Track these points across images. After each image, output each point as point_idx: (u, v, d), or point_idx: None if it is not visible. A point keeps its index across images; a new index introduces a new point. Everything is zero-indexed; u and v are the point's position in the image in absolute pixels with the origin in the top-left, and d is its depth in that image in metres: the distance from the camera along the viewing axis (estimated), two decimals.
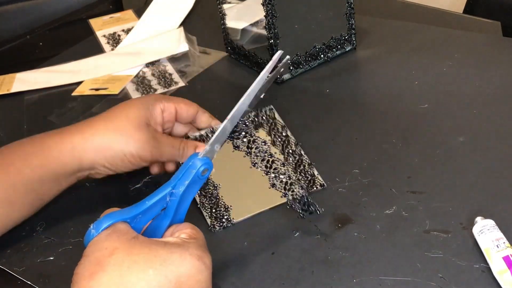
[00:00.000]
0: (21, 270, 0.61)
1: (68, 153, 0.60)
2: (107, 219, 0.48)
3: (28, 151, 0.60)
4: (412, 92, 0.79)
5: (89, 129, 0.61)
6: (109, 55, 1.00)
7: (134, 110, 0.62)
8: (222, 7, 0.88)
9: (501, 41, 0.87)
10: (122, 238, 0.46)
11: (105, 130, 0.61)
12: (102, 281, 0.43)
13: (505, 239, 0.54)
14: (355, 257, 0.57)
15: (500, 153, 0.66)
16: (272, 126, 0.71)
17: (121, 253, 0.45)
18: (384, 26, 0.95)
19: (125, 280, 0.43)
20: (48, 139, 0.61)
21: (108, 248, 0.45)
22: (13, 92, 0.92)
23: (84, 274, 0.44)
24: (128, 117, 0.61)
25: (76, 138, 0.60)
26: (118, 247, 0.45)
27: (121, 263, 0.44)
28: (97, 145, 0.60)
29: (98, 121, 0.62)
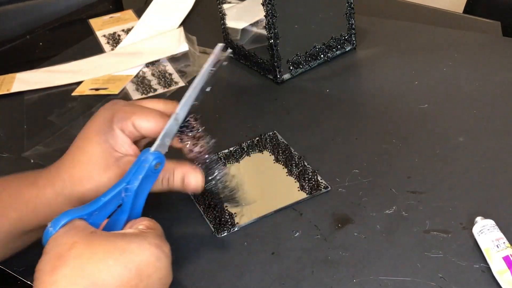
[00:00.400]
0: (21, 270, 0.61)
1: (46, 208, 0.56)
2: (64, 217, 0.48)
3: (6, 203, 0.57)
4: (412, 92, 0.79)
5: (58, 181, 0.56)
6: (109, 55, 1.00)
7: (95, 148, 0.56)
8: (222, 7, 0.88)
9: (501, 41, 0.87)
10: (80, 233, 0.47)
11: (72, 181, 0.56)
12: (64, 273, 0.44)
13: (505, 239, 0.54)
14: (355, 257, 0.57)
15: (500, 153, 0.66)
16: (275, 146, 0.71)
17: (80, 246, 0.45)
18: (384, 26, 0.95)
19: (86, 271, 0.44)
20: (25, 190, 0.57)
21: (67, 243, 0.46)
22: (13, 92, 0.92)
23: (46, 269, 0.45)
24: (91, 160, 0.56)
25: (49, 193, 0.56)
26: (77, 241, 0.46)
27: (81, 255, 0.45)
28: (69, 199, 0.56)
29: (64, 169, 0.57)
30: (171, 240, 0.54)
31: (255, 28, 0.93)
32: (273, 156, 0.70)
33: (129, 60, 0.96)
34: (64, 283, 0.44)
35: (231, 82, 0.90)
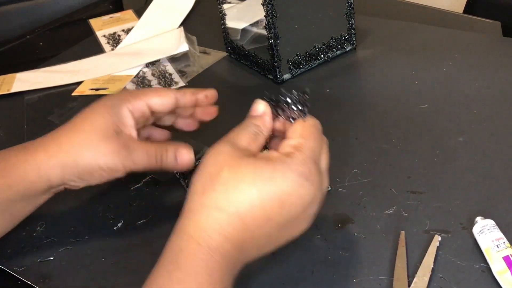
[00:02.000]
0: (21, 270, 0.61)
1: (34, 172, 0.56)
2: None
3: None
4: (412, 92, 0.79)
5: (53, 145, 0.57)
6: (109, 55, 1.00)
7: (99, 118, 0.57)
8: (222, 7, 0.89)
9: (501, 41, 0.87)
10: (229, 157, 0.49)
11: (69, 145, 0.56)
12: (211, 197, 0.47)
13: (505, 239, 0.54)
14: (355, 257, 0.57)
15: (500, 153, 0.66)
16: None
17: (228, 171, 0.48)
18: (384, 26, 0.95)
19: (231, 198, 0.47)
20: (13, 156, 0.57)
21: (216, 165, 0.48)
22: (13, 92, 0.92)
23: (198, 190, 0.48)
24: (93, 127, 0.57)
25: (40, 156, 0.56)
26: (227, 164, 0.48)
27: (227, 181, 0.47)
28: (62, 162, 0.56)
29: (62, 134, 0.58)
30: (167, 233, 0.54)
31: (255, 28, 0.93)
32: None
33: (129, 60, 0.96)
34: (211, 207, 0.47)
35: (231, 82, 0.90)
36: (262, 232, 0.48)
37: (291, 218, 0.49)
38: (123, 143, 0.57)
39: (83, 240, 0.64)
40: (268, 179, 0.47)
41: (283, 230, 0.49)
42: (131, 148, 0.58)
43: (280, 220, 0.48)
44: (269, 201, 0.47)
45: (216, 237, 0.46)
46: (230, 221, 0.46)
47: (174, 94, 0.62)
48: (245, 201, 0.47)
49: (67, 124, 0.59)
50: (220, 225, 0.46)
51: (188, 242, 0.46)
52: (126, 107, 0.59)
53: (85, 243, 0.63)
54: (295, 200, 0.48)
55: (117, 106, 0.59)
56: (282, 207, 0.48)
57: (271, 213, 0.47)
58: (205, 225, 0.46)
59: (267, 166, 0.48)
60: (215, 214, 0.47)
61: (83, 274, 0.59)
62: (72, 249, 0.63)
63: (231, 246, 0.46)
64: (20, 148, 0.58)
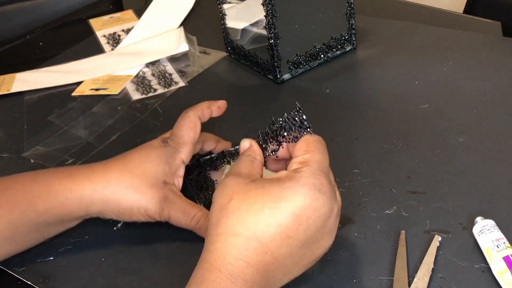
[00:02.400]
0: (21, 270, 0.61)
1: (76, 201, 0.58)
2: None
3: (35, 193, 0.58)
4: (412, 92, 0.79)
5: (101, 180, 0.58)
6: (109, 55, 1.00)
7: (152, 166, 0.59)
8: (222, 7, 0.88)
9: (501, 41, 0.87)
10: (237, 185, 0.49)
11: (117, 184, 0.58)
12: (226, 225, 0.47)
13: (505, 239, 0.54)
14: (355, 257, 0.57)
15: (500, 153, 0.66)
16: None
17: (238, 198, 0.48)
18: (384, 26, 0.95)
19: (246, 223, 0.47)
20: (56, 183, 0.58)
21: (228, 194, 0.49)
22: (13, 92, 0.92)
23: (213, 222, 0.48)
24: (144, 174, 0.59)
25: (86, 189, 0.58)
26: (235, 193, 0.48)
27: (239, 207, 0.47)
28: (106, 199, 0.58)
29: (112, 170, 0.59)
30: (168, 233, 0.54)
31: (255, 28, 0.93)
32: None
33: (129, 60, 0.96)
34: (227, 234, 0.47)
35: (231, 82, 0.90)
36: (283, 253, 0.47)
37: (311, 234, 0.48)
38: (165, 195, 0.59)
39: (83, 240, 0.63)
40: (279, 197, 0.47)
41: (306, 248, 0.49)
42: (171, 201, 0.59)
43: (300, 237, 0.47)
44: (283, 219, 0.47)
45: (236, 262, 0.46)
46: (248, 244, 0.46)
47: (194, 114, 0.64)
48: (260, 222, 0.46)
49: (119, 159, 0.61)
50: (239, 250, 0.46)
51: (210, 271, 0.46)
52: (180, 158, 0.61)
53: (85, 243, 0.63)
54: (311, 214, 0.47)
55: (171, 157, 0.61)
56: (299, 223, 0.47)
57: (289, 231, 0.47)
58: (223, 252, 0.46)
59: (276, 185, 0.48)
60: (232, 240, 0.46)
61: (83, 274, 0.59)
62: (72, 249, 0.63)
63: (254, 271, 0.46)
64: (65, 173, 0.59)
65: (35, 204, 0.57)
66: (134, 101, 0.87)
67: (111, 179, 0.58)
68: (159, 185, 0.59)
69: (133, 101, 0.87)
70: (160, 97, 0.86)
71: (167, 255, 0.60)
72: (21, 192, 0.58)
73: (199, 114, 0.65)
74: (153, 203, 0.58)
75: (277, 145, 0.54)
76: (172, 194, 0.59)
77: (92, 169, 0.60)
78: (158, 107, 0.84)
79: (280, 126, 0.55)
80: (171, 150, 0.61)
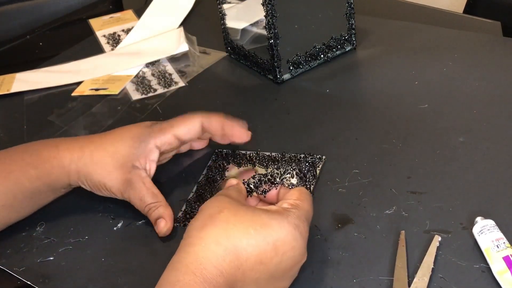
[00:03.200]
0: (21, 270, 0.61)
1: (59, 170, 0.63)
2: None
3: (27, 161, 0.63)
4: (412, 92, 0.79)
5: (78, 152, 0.63)
6: (109, 55, 1.00)
7: (124, 147, 0.62)
8: (222, 7, 0.88)
9: (501, 41, 0.87)
10: (230, 202, 0.52)
11: (90, 158, 0.62)
12: (211, 232, 0.49)
13: (505, 239, 0.54)
14: (355, 257, 0.57)
15: (500, 153, 0.66)
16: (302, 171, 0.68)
17: (228, 212, 0.50)
18: (384, 26, 0.95)
19: (230, 234, 0.49)
20: (45, 151, 0.63)
21: (219, 207, 0.51)
22: (13, 92, 0.92)
23: (197, 226, 0.50)
24: (115, 153, 0.62)
25: (65, 158, 0.63)
26: (227, 208, 0.51)
27: (227, 220, 0.49)
28: (79, 169, 0.62)
29: (89, 144, 0.63)
30: None
31: (255, 28, 0.93)
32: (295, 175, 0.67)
33: (129, 60, 0.96)
34: (209, 240, 0.48)
35: (231, 82, 0.90)
36: (252, 276, 0.49)
37: (280, 270, 0.50)
38: (128, 179, 0.61)
39: (83, 240, 0.64)
40: (265, 224, 0.50)
41: (270, 281, 0.50)
42: (133, 186, 0.62)
43: (270, 267, 0.49)
44: (264, 244, 0.49)
45: (211, 269, 0.47)
46: (226, 256, 0.48)
47: (199, 120, 0.65)
48: (243, 240, 0.48)
49: (101, 135, 0.65)
50: (217, 258, 0.48)
51: (184, 273, 0.47)
52: (154, 143, 0.63)
53: (85, 243, 0.63)
54: (288, 251, 0.50)
55: (145, 141, 0.63)
56: (275, 254, 0.49)
57: (263, 257, 0.49)
58: (201, 256, 0.48)
59: (265, 213, 0.51)
60: (212, 247, 0.48)
61: (82, 274, 0.59)
62: (71, 249, 0.63)
63: (224, 281, 0.48)
64: (52, 144, 0.64)
65: (27, 171, 0.62)
66: (134, 101, 0.87)
67: (86, 152, 0.62)
68: (126, 167, 0.62)
69: (133, 101, 0.87)
70: (160, 97, 0.87)
71: (167, 255, 0.60)
72: (15, 161, 0.63)
73: (204, 119, 0.66)
74: (116, 183, 0.62)
75: (270, 186, 0.59)
76: (137, 179, 0.62)
77: (75, 140, 0.64)
78: (158, 107, 0.84)
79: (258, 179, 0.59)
80: (148, 132, 0.63)
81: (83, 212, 0.67)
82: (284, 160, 0.68)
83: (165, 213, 0.61)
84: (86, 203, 0.68)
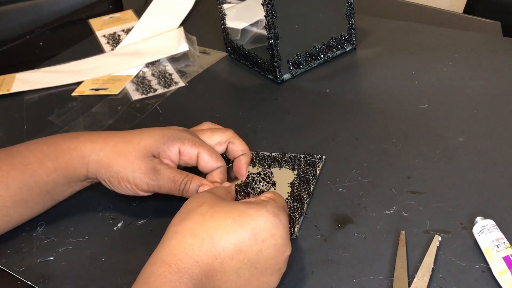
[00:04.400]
0: (21, 270, 0.61)
1: (78, 160, 0.62)
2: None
3: (44, 152, 0.62)
4: (412, 92, 0.79)
5: (100, 142, 0.62)
6: (109, 55, 1.00)
7: (147, 139, 0.62)
8: (222, 7, 0.88)
9: (501, 41, 0.87)
10: (210, 197, 0.53)
11: (112, 148, 0.61)
12: (187, 225, 0.50)
13: (505, 239, 0.54)
14: (355, 257, 0.57)
15: (500, 153, 0.66)
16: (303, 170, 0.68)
17: (206, 206, 0.51)
18: (384, 26, 0.95)
19: (207, 225, 0.49)
20: (63, 142, 0.63)
21: (198, 202, 0.52)
22: (13, 92, 0.92)
23: (175, 221, 0.51)
24: (138, 144, 0.61)
25: (86, 148, 0.62)
26: (205, 202, 0.52)
27: (205, 213, 0.50)
28: (100, 160, 0.61)
29: (112, 137, 0.63)
30: None
31: (255, 28, 0.93)
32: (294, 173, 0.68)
33: (129, 60, 0.96)
34: (185, 233, 0.49)
35: (231, 82, 0.90)
36: (232, 265, 0.49)
37: (262, 259, 0.50)
38: (153, 166, 0.61)
39: (83, 240, 0.64)
40: (243, 213, 0.50)
41: (253, 274, 0.50)
42: (159, 172, 0.61)
43: (251, 256, 0.49)
44: (242, 231, 0.49)
45: (186, 259, 0.48)
46: (202, 246, 0.48)
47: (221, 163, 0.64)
48: (219, 229, 0.49)
49: (126, 131, 0.64)
50: (192, 249, 0.48)
51: (159, 265, 0.48)
52: (178, 147, 0.62)
53: (85, 243, 0.63)
54: (268, 238, 0.50)
55: (172, 141, 0.62)
56: (255, 242, 0.49)
57: (243, 245, 0.49)
58: (177, 248, 0.48)
59: (243, 204, 0.52)
60: (188, 239, 0.49)
61: (83, 274, 0.59)
62: (72, 249, 0.63)
63: (201, 271, 0.48)
64: (71, 136, 0.64)
65: (45, 163, 0.62)
66: (134, 101, 0.87)
67: (109, 143, 0.62)
68: (148, 157, 0.61)
69: (133, 101, 0.87)
70: (160, 97, 0.87)
71: None
72: (32, 153, 0.62)
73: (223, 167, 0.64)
74: (140, 174, 0.60)
75: (267, 186, 0.63)
76: (160, 165, 0.61)
77: (97, 133, 0.64)
78: (158, 107, 0.84)
79: (252, 179, 0.61)
80: (179, 137, 0.63)
81: (83, 212, 0.67)
82: (284, 160, 0.68)
83: (201, 180, 0.61)
84: (86, 203, 0.68)
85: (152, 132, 0.63)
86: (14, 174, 0.61)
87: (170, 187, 0.61)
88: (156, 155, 0.62)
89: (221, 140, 0.66)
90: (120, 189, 0.62)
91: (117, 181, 0.61)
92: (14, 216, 0.62)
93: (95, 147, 0.62)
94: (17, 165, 0.61)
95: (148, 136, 0.62)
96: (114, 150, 0.61)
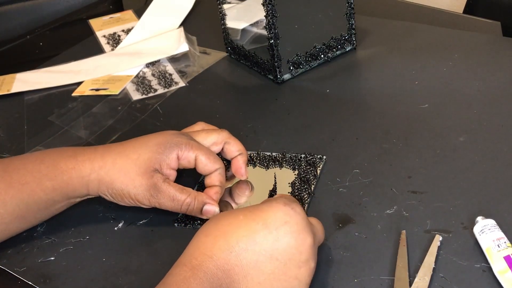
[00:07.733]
0: (22, 270, 0.61)
1: (78, 180, 0.61)
2: None
3: (42, 172, 0.61)
4: (412, 92, 0.79)
5: (99, 160, 0.61)
6: (109, 55, 1.00)
7: (146, 153, 0.61)
8: (222, 7, 0.89)
9: (501, 41, 0.87)
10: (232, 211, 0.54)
11: (112, 166, 0.61)
12: (202, 230, 0.51)
13: (506, 239, 0.54)
14: (356, 257, 0.57)
15: (501, 153, 0.66)
16: (303, 169, 0.68)
17: (222, 214, 0.53)
18: (384, 26, 0.95)
19: (219, 225, 0.51)
20: (62, 162, 0.62)
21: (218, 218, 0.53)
22: (13, 92, 0.92)
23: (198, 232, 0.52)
24: (137, 159, 0.61)
25: (85, 168, 0.61)
26: (223, 214, 0.53)
27: (219, 217, 0.52)
28: (101, 178, 0.61)
29: (108, 153, 0.62)
30: (168, 233, 0.54)
31: (255, 28, 0.93)
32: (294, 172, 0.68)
33: (129, 60, 0.96)
34: (200, 235, 0.51)
35: (231, 82, 0.90)
36: (248, 258, 0.49)
37: (281, 248, 0.49)
38: (154, 183, 0.60)
39: (83, 240, 0.64)
40: (254, 208, 0.51)
41: (276, 264, 0.49)
42: (160, 190, 0.60)
43: (267, 246, 0.49)
44: (254, 224, 0.50)
45: (200, 256, 0.49)
46: (215, 242, 0.49)
47: (219, 165, 0.64)
48: (232, 225, 0.50)
49: (122, 143, 0.63)
50: (206, 246, 0.49)
51: (176, 266, 0.49)
52: (177, 153, 0.62)
53: (86, 243, 0.63)
54: (281, 225, 0.50)
55: (169, 149, 0.61)
56: (268, 231, 0.49)
57: (257, 236, 0.49)
58: (192, 249, 0.50)
59: (254, 205, 0.53)
60: (202, 238, 0.50)
61: (83, 274, 0.59)
62: (72, 249, 0.63)
63: (215, 265, 0.48)
64: (70, 153, 0.63)
65: (43, 183, 0.61)
66: (134, 101, 0.87)
67: (108, 160, 0.61)
68: (149, 172, 0.60)
69: (133, 101, 0.87)
70: (160, 97, 0.87)
71: (167, 255, 0.60)
72: (30, 172, 0.61)
73: (221, 168, 0.64)
74: (141, 191, 0.60)
75: None
76: (161, 183, 0.61)
77: (94, 150, 0.63)
78: (158, 107, 0.84)
79: None
80: (175, 142, 0.62)
81: (84, 212, 0.67)
82: (284, 160, 0.69)
83: (205, 199, 0.61)
84: (87, 203, 0.67)
85: (148, 143, 0.62)
86: (11, 192, 0.60)
87: (170, 206, 0.61)
88: (158, 168, 0.61)
89: (216, 141, 0.66)
90: (122, 203, 0.62)
91: (120, 197, 0.61)
92: (12, 230, 0.62)
93: (94, 166, 0.61)
94: (14, 184, 0.60)
95: (145, 149, 0.61)
96: (114, 167, 0.61)
